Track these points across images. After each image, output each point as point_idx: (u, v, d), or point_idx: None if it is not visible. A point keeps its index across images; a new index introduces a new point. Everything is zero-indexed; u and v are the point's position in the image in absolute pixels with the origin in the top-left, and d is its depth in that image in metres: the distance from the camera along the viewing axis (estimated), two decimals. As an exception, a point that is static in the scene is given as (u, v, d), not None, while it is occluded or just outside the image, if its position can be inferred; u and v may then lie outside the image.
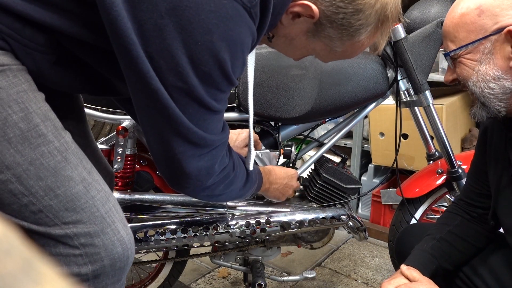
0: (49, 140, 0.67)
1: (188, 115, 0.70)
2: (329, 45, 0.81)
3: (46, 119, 0.67)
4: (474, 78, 0.83)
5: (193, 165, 0.77)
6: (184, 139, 0.72)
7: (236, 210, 1.28)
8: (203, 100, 0.69)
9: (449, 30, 0.85)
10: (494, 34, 0.78)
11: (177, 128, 0.70)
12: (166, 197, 1.28)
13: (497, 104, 0.83)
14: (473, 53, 0.82)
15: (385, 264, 1.92)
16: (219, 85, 0.69)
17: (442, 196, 1.46)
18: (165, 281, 1.51)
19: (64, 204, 0.68)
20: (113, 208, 0.74)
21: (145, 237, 1.24)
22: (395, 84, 1.29)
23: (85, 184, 0.70)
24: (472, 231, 1.04)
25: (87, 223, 0.69)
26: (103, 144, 1.28)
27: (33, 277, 0.18)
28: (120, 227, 0.73)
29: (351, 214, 1.30)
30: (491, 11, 0.78)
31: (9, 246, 0.19)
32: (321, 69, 1.22)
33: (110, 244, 0.71)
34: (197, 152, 0.76)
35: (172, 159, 0.76)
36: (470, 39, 0.81)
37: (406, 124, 1.42)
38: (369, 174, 2.28)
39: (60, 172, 0.67)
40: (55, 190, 0.67)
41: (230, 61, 0.67)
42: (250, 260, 1.40)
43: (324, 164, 1.35)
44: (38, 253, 0.20)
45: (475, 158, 1.06)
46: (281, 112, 1.24)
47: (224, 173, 0.86)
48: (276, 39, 0.83)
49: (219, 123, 0.78)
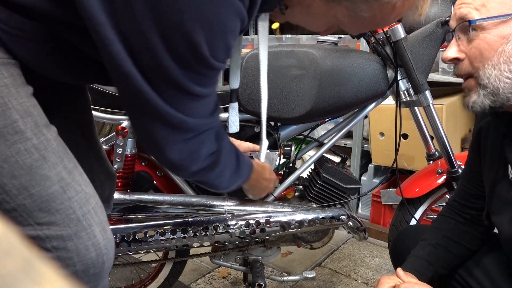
0: (27, 137, 0.64)
1: (167, 98, 0.66)
2: (353, 9, 0.70)
3: (27, 115, 0.64)
4: (495, 59, 0.74)
5: (176, 150, 0.74)
6: (164, 123, 0.69)
7: (236, 210, 1.28)
8: (181, 84, 0.65)
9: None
10: None
11: (154, 112, 0.67)
12: (165, 197, 1.28)
13: (509, 92, 0.75)
14: (503, 29, 0.73)
15: (385, 264, 1.92)
16: (196, 69, 0.65)
17: (442, 196, 1.46)
18: (165, 281, 1.51)
19: (38, 204, 0.65)
20: (92, 211, 0.71)
21: (145, 237, 1.24)
22: (395, 84, 1.29)
23: (63, 184, 0.67)
24: (466, 234, 1.04)
25: (61, 225, 0.67)
26: (103, 144, 1.28)
27: (33, 277, 0.18)
28: (97, 231, 0.70)
29: (351, 214, 1.30)
30: None
31: (9, 246, 0.19)
32: (321, 69, 1.22)
33: (84, 248, 0.68)
34: (181, 137, 0.73)
35: (155, 143, 0.73)
36: (502, 12, 0.72)
37: (406, 124, 1.42)
38: (369, 174, 2.28)
39: (36, 171, 0.64)
40: (30, 189, 0.64)
41: (207, 44, 0.61)
42: (250, 260, 1.40)
43: (324, 164, 1.35)
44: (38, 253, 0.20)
45: (469, 159, 1.05)
46: (281, 112, 1.24)
47: (212, 160, 0.82)
48: (291, 10, 0.75)
49: (206, 107, 0.74)
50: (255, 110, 1.25)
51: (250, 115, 1.28)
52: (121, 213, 1.27)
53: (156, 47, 0.60)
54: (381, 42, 1.27)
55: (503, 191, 0.90)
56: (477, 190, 1.02)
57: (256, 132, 1.33)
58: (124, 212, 1.27)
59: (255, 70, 1.24)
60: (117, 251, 1.25)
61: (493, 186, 0.93)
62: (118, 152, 1.25)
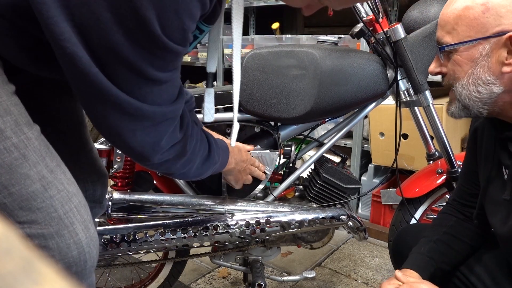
0: (6, 136, 0.63)
1: (119, 82, 0.63)
2: None
3: (6, 114, 0.63)
4: (465, 81, 0.80)
5: (134, 140, 0.70)
6: (117, 110, 0.66)
7: (236, 210, 1.28)
8: (134, 64, 0.61)
9: (448, 20, 0.80)
10: (495, 36, 0.75)
11: (105, 97, 0.63)
12: (165, 197, 1.28)
13: (480, 107, 0.81)
14: (471, 52, 0.78)
15: (385, 264, 1.92)
16: (149, 48, 0.61)
17: (442, 196, 1.46)
18: (165, 281, 1.51)
19: (19, 203, 0.64)
20: (75, 209, 0.70)
21: (145, 237, 1.24)
22: (395, 84, 1.29)
23: (44, 182, 0.66)
24: (467, 230, 1.05)
25: (42, 223, 0.66)
26: (103, 144, 1.28)
27: (33, 277, 0.18)
28: (79, 229, 0.69)
29: (351, 214, 1.30)
30: (496, 11, 0.74)
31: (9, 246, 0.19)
32: (321, 69, 1.22)
33: (65, 247, 0.67)
34: (138, 126, 0.69)
35: (113, 133, 0.70)
36: (470, 36, 0.77)
37: (406, 124, 1.42)
38: (369, 174, 2.28)
39: (16, 170, 0.64)
40: (9, 188, 0.63)
41: (158, 22, 0.58)
42: (250, 260, 1.41)
43: (324, 164, 1.35)
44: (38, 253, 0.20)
45: (466, 159, 1.06)
46: (281, 112, 1.24)
47: (176, 151, 0.79)
48: None
49: (166, 94, 0.70)
50: (255, 110, 1.25)
51: (250, 115, 1.28)
52: (121, 213, 1.27)
53: (106, 22, 0.57)
54: (381, 42, 1.27)
55: (496, 191, 0.91)
56: (474, 189, 1.03)
57: (256, 132, 1.34)
58: (125, 212, 1.27)
59: (255, 70, 1.24)
60: (117, 251, 1.25)
61: (487, 186, 0.94)
62: (118, 152, 1.25)
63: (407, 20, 1.34)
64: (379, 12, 1.23)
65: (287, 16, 3.23)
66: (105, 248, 1.24)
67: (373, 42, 1.30)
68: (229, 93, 1.27)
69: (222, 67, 2.77)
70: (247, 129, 1.34)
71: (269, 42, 2.48)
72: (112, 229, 1.24)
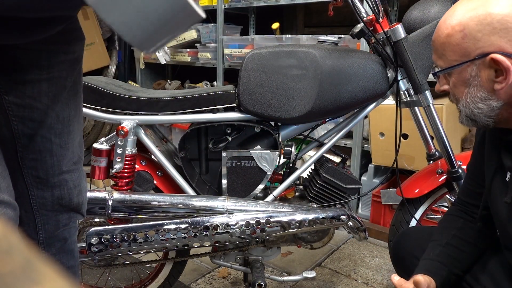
0: None
1: None
2: None
3: None
4: (464, 100, 0.84)
5: None
6: None
7: (236, 210, 1.28)
8: None
9: (437, 47, 0.85)
10: (478, 58, 0.78)
11: None
12: (165, 197, 1.28)
13: (485, 120, 0.84)
14: (462, 74, 0.82)
15: (385, 264, 1.92)
16: None
17: (442, 196, 1.46)
18: (165, 281, 1.51)
19: None
20: None
21: (145, 237, 1.24)
22: (395, 84, 1.29)
23: None
24: (476, 232, 1.04)
25: None
26: (103, 144, 1.28)
27: (33, 276, 0.18)
28: None
29: (351, 214, 1.30)
30: (473, 36, 0.78)
31: (9, 246, 0.19)
32: (321, 69, 1.22)
33: None
34: None
35: None
36: (456, 60, 0.82)
37: (406, 124, 1.42)
38: (369, 174, 2.28)
39: None
40: None
41: None
42: (250, 260, 1.41)
43: (324, 164, 1.35)
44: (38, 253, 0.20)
45: (473, 158, 1.06)
46: (281, 112, 1.24)
47: None
48: None
49: None
50: (255, 110, 1.25)
51: (251, 115, 1.28)
52: (121, 213, 1.27)
53: None
54: (382, 42, 1.27)
55: (498, 194, 0.91)
56: (481, 188, 1.03)
57: (256, 132, 1.34)
58: (125, 212, 1.27)
59: (255, 70, 1.24)
60: (117, 251, 1.25)
61: (490, 187, 0.94)
62: (118, 152, 1.25)
63: (407, 20, 1.34)
64: (380, 12, 1.23)
65: (287, 16, 3.23)
66: (105, 248, 1.24)
67: (373, 42, 1.30)
68: (229, 93, 1.27)
69: (222, 67, 2.77)
70: (247, 129, 1.34)
71: (269, 42, 2.48)
72: (112, 229, 1.24)
